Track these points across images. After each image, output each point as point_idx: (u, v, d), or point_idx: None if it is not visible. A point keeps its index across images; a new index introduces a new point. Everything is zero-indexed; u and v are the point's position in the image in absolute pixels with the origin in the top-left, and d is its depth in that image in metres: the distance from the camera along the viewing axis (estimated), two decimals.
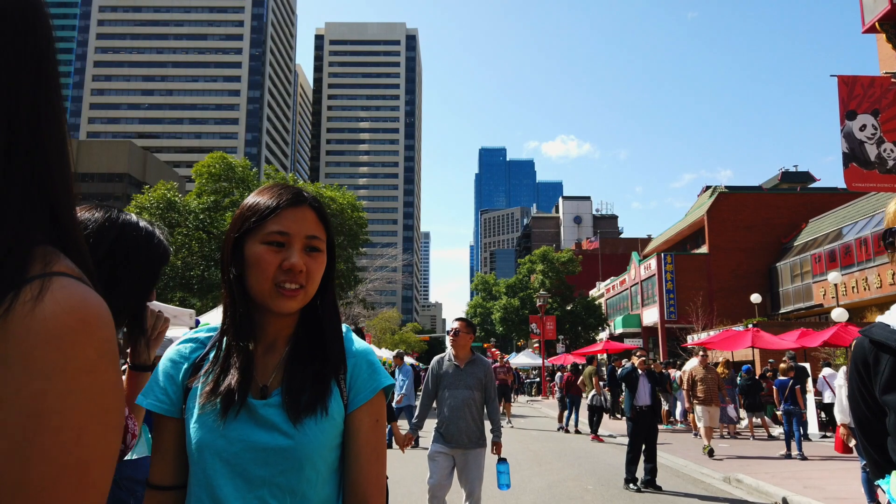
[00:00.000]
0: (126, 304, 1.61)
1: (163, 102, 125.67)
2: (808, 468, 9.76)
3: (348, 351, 1.37)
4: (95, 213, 1.61)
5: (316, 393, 1.28)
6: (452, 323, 5.28)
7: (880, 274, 25.84)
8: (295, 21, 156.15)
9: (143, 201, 23.14)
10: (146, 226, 1.70)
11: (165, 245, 1.73)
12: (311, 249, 1.29)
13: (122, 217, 1.64)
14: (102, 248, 1.55)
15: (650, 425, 8.67)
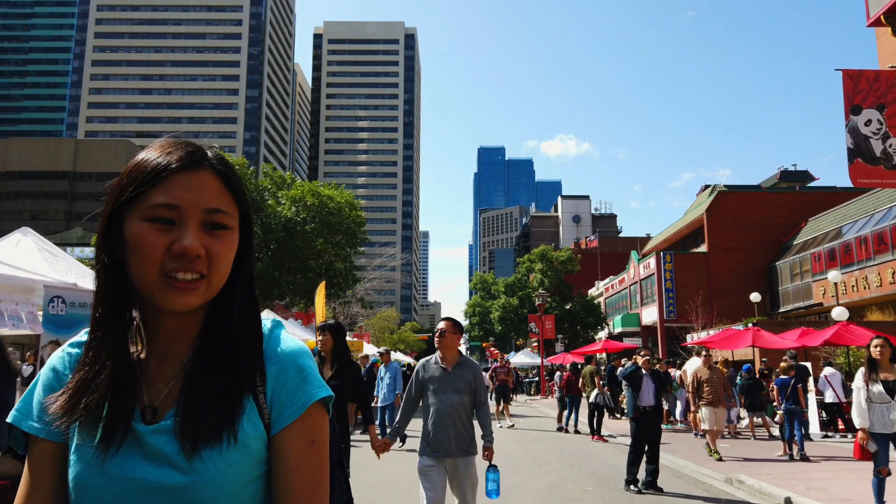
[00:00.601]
0: None
1: (161, 102, 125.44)
2: (810, 469, 9.64)
3: (270, 354, 1.06)
4: None
5: (221, 413, 0.98)
6: (439, 323, 4.99)
7: (880, 273, 25.76)
8: (293, 20, 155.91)
9: None
10: None
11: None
12: (213, 227, 0.99)
13: None
14: None
15: (653, 426, 8.52)
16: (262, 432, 1.02)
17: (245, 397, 1.02)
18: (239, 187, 1.05)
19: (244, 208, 1.06)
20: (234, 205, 1.03)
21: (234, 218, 1.03)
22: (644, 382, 8.58)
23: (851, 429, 14.18)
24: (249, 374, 1.03)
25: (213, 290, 1.01)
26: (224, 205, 1.01)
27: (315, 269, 24.82)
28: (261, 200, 24.91)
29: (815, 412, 14.23)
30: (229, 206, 1.02)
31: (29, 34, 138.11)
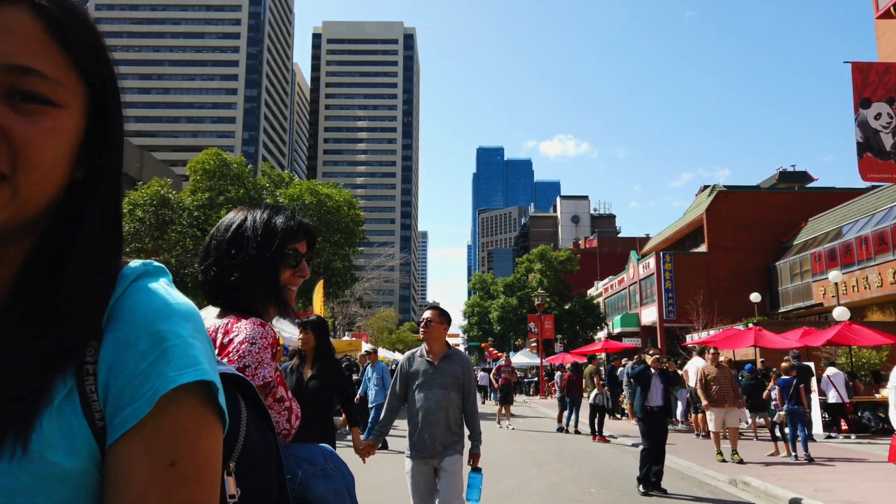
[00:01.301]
0: None
1: (159, 101, 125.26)
2: (815, 470, 9.50)
3: (118, 313, 0.65)
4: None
5: (8, 403, 0.58)
6: (424, 312, 4.56)
7: (881, 273, 25.66)
8: (292, 20, 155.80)
9: (136, 198, 22.80)
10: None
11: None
12: (23, 98, 0.61)
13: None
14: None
15: (661, 426, 8.35)
16: (88, 442, 0.61)
17: (59, 379, 0.61)
18: (84, 38, 0.65)
19: (96, 75, 0.67)
20: (68, 66, 0.64)
21: (65, 88, 0.63)
22: (653, 382, 8.38)
23: (855, 429, 14.08)
24: (71, 341, 0.62)
25: (24, 202, 0.61)
26: (43, 63, 0.61)
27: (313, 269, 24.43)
28: (258, 199, 24.77)
29: (818, 413, 14.08)
30: (56, 66, 0.62)
31: None
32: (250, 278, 1.48)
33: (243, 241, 1.50)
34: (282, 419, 1.50)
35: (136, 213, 22.25)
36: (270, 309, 1.56)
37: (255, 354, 1.39)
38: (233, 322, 1.45)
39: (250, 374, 1.37)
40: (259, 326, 1.42)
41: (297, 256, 1.55)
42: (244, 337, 1.40)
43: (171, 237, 23.59)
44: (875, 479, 8.62)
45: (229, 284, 1.49)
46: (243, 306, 1.50)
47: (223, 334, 1.44)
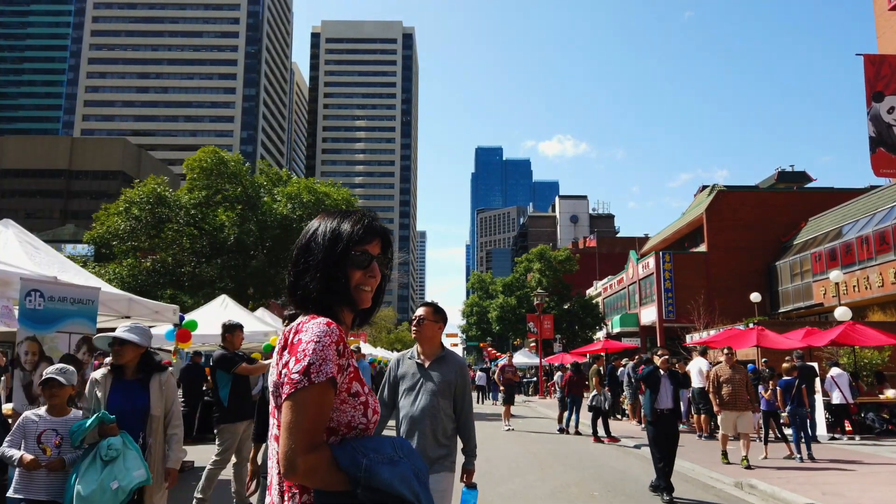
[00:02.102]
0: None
1: (158, 100, 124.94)
2: (822, 472, 9.31)
3: None
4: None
5: None
6: (417, 309, 4.12)
7: (882, 273, 25.53)
8: (291, 19, 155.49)
9: (133, 196, 22.58)
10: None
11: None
12: None
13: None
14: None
15: (671, 430, 8.07)
16: None
17: None
18: None
19: None
20: None
21: None
22: (662, 384, 8.11)
23: (859, 430, 13.91)
24: None
25: None
26: None
27: None
28: (256, 197, 24.56)
29: (821, 414, 13.91)
30: None
31: (25, 32, 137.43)
32: (318, 281, 1.58)
33: (315, 247, 1.61)
34: (357, 413, 1.52)
35: (133, 211, 22.05)
36: (345, 311, 1.64)
37: (318, 352, 1.44)
38: (303, 322, 1.53)
39: (314, 372, 1.42)
40: (325, 325, 1.49)
41: (366, 258, 1.62)
42: (310, 336, 1.47)
43: (167, 235, 23.37)
44: (885, 481, 8.45)
45: (301, 286, 1.60)
46: (317, 308, 1.59)
47: (294, 333, 1.51)
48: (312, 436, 1.39)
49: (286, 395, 1.43)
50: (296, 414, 1.39)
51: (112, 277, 20.54)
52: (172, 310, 9.28)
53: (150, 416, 3.97)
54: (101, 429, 3.74)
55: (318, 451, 1.38)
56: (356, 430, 1.51)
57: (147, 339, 4.11)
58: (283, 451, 1.39)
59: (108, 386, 3.99)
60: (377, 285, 1.66)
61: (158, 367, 4.16)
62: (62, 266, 7.55)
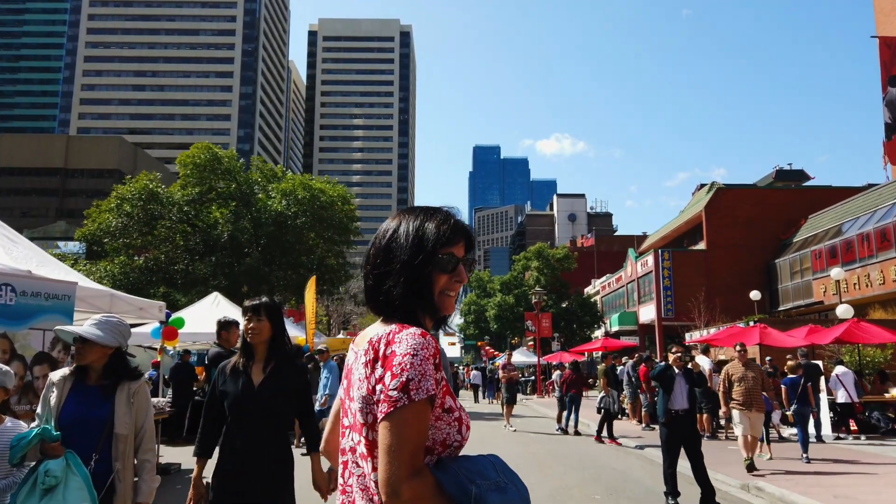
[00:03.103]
0: None
1: (154, 98, 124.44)
2: (831, 474, 9.02)
3: None
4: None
5: None
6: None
7: (883, 270, 25.33)
8: (288, 17, 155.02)
9: (125, 192, 22.22)
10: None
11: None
12: None
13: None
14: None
15: (687, 431, 7.62)
16: None
17: None
18: None
19: None
20: None
21: None
22: (676, 383, 7.70)
23: (864, 430, 13.63)
24: None
25: None
26: None
27: (306, 265, 24.12)
28: (250, 193, 24.22)
29: (826, 413, 13.63)
30: None
31: (21, 30, 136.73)
32: (402, 286, 1.49)
33: (396, 248, 1.52)
34: (452, 430, 1.43)
35: (125, 207, 21.70)
36: (427, 317, 1.56)
37: (417, 367, 1.35)
38: (394, 332, 1.43)
39: (414, 388, 1.33)
40: (420, 337, 1.40)
41: (452, 261, 1.53)
42: (406, 349, 1.38)
43: (160, 232, 23.03)
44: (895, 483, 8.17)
45: (384, 292, 1.51)
46: (401, 314, 1.50)
47: (385, 345, 1.42)
48: (415, 459, 1.30)
49: (384, 413, 1.32)
50: (396, 435, 1.30)
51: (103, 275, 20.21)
52: (158, 306, 8.97)
53: (115, 436, 3.10)
54: (42, 447, 2.99)
55: (421, 476, 1.30)
56: (450, 449, 1.42)
57: (117, 336, 3.23)
58: (384, 477, 1.28)
59: (65, 391, 3.14)
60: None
61: (130, 374, 3.26)
62: (41, 260, 7.23)
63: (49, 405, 3.11)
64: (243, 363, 3.46)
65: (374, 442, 1.37)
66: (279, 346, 3.51)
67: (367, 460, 1.39)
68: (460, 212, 1.65)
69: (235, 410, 3.33)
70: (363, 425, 1.41)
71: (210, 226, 23.03)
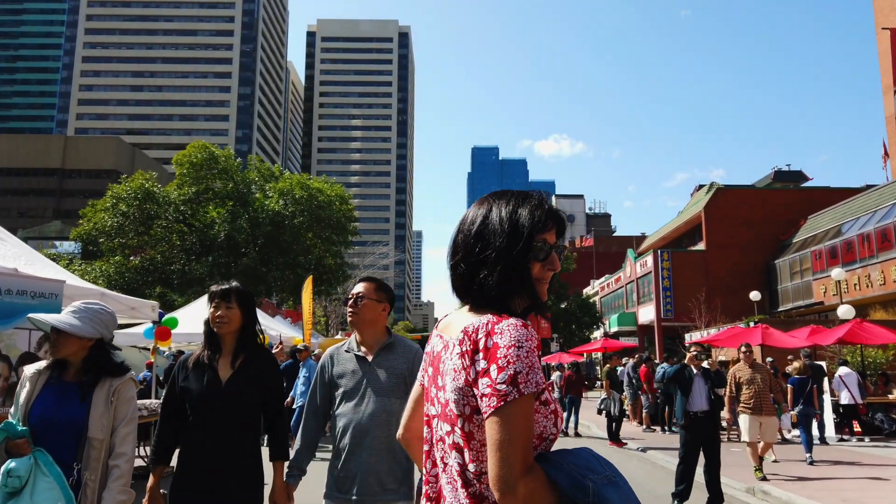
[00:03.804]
0: None
1: (152, 99, 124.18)
2: (837, 476, 8.84)
3: None
4: None
5: None
6: (354, 285, 3.24)
7: (884, 270, 25.23)
8: (286, 17, 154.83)
9: (120, 191, 22.02)
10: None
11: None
12: None
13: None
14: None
15: (707, 434, 7.36)
16: None
17: None
18: None
19: None
20: None
21: None
22: (695, 384, 7.44)
23: (868, 431, 13.48)
24: None
25: None
26: None
27: (304, 265, 23.92)
28: (247, 193, 24.03)
29: (830, 414, 13.47)
30: None
31: (19, 30, 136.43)
32: (500, 274, 1.43)
33: (490, 235, 1.47)
34: (549, 423, 1.39)
35: (120, 207, 21.50)
36: (520, 304, 1.48)
37: (523, 359, 1.31)
38: (493, 322, 1.37)
39: (522, 381, 1.29)
40: (523, 328, 1.35)
41: (546, 248, 1.49)
42: (510, 341, 1.32)
43: (156, 232, 22.82)
44: None
45: (479, 281, 1.46)
46: (496, 304, 1.44)
47: (486, 336, 1.36)
48: (527, 454, 1.26)
49: (493, 408, 1.27)
50: (508, 430, 1.25)
51: (98, 275, 20.01)
52: (151, 306, 8.78)
53: (88, 440, 2.68)
54: (7, 445, 2.65)
55: (534, 472, 1.25)
56: (546, 442, 1.39)
57: (98, 326, 2.80)
58: (497, 474, 1.24)
59: (37, 387, 2.77)
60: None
61: (113, 369, 2.84)
62: (28, 258, 7.04)
63: (19, 402, 2.76)
64: (208, 356, 3.00)
65: (470, 433, 1.34)
66: (250, 337, 3.08)
67: (462, 452, 1.36)
68: (551, 195, 1.53)
69: (199, 410, 2.90)
70: (458, 416, 1.37)
71: (207, 225, 22.84)
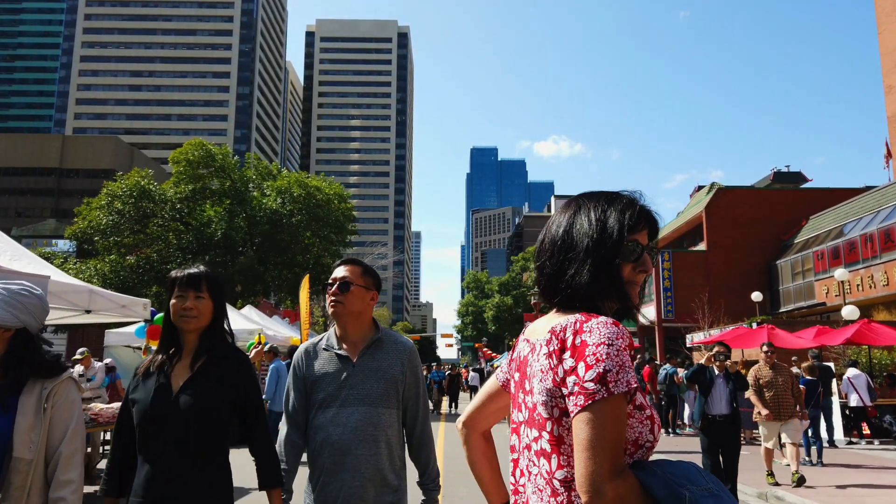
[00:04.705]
0: None
1: (150, 98, 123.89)
2: (848, 480, 8.58)
3: None
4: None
5: None
6: (336, 269, 2.65)
7: (887, 271, 24.99)
8: (285, 17, 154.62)
9: (115, 189, 21.73)
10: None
11: None
12: None
13: None
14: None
15: (728, 439, 7.08)
16: None
17: None
18: None
19: None
20: None
21: None
22: (716, 385, 7.14)
23: (877, 434, 13.23)
24: None
25: None
26: None
27: (302, 264, 23.65)
28: (245, 191, 23.76)
29: (838, 417, 13.21)
30: None
31: (17, 30, 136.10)
32: (588, 274, 1.40)
33: (577, 235, 1.44)
34: (645, 429, 1.31)
35: (116, 205, 21.21)
36: (610, 308, 1.43)
37: (613, 357, 1.25)
38: (581, 321, 1.32)
39: (612, 380, 1.22)
40: (613, 326, 1.30)
41: (637, 249, 1.44)
42: (599, 338, 1.27)
43: (152, 231, 22.54)
44: None
45: (567, 281, 1.43)
46: (584, 304, 1.40)
47: (573, 334, 1.31)
48: (616, 456, 1.19)
49: (581, 406, 1.22)
50: (596, 430, 1.19)
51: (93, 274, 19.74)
52: (143, 304, 8.51)
53: (11, 461, 2.05)
54: None
55: (624, 476, 1.19)
56: (643, 450, 1.31)
57: (19, 312, 2.16)
58: (584, 473, 1.18)
59: None
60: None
61: (45, 368, 2.20)
62: (14, 254, 6.78)
63: None
64: (162, 360, 2.33)
65: (559, 438, 1.28)
66: (218, 335, 2.39)
67: (549, 458, 1.30)
68: (643, 196, 1.57)
69: (148, 426, 2.20)
70: (546, 419, 1.31)
71: (203, 224, 22.56)
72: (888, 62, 31.34)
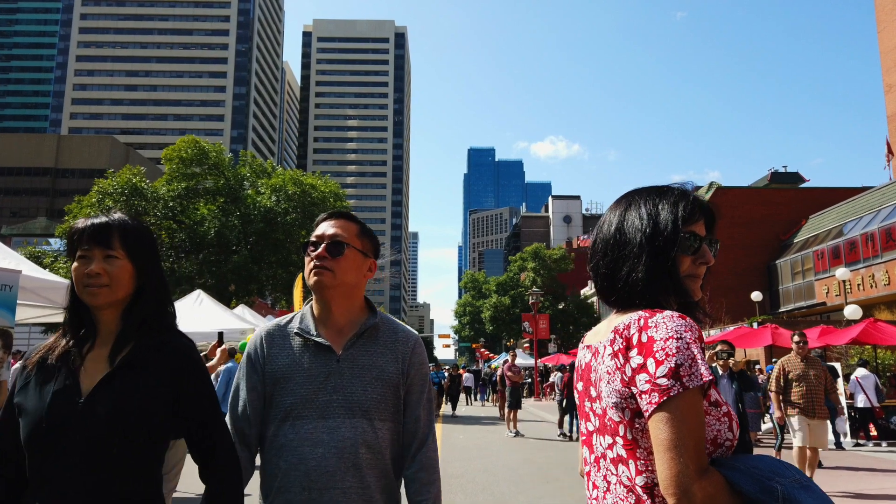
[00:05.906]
0: None
1: (146, 98, 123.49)
2: (859, 484, 8.28)
3: None
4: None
5: None
6: (320, 223, 1.99)
7: (888, 270, 24.82)
8: (282, 17, 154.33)
9: (106, 186, 21.39)
10: None
11: None
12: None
13: None
14: None
15: (739, 442, 6.86)
16: None
17: None
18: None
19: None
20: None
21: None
22: (720, 386, 6.73)
23: (884, 435, 12.94)
24: None
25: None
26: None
27: (297, 263, 23.34)
28: (239, 189, 23.43)
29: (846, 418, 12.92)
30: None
31: (13, 29, 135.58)
32: (644, 268, 1.34)
33: (631, 231, 1.39)
34: (723, 427, 1.24)
35: (107, 202, 20.89)
36: (671, 304, 1.35)
37: (684, 351, 1.19)
38: (645, 317, 1.26)
39: (685, 374, 1.16)
40: (680, 319, 1.24)
41: (694, 240, 1.37)
42: (667, 333, 1.21)
43: None
44: None
45: (623, 278, 1.38)
46: (644, 301, 1.34)
47: (638, 330, 1.24)
48: (700, 454, 1.13)
49: (655, 404, 1.16)
50: (675, 428, 1.13)
51: None
52: None
53: None
54: None
55: (710, 474, 1.13)
56: (722, 449, 1.24)
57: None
58: (669, 475, 1.12)
59: None
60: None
61: None
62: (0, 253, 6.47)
63: None
64: (63, 350, 1.59)
65: (634, 441, 1.22)
66: (149, 313, 1.63)
67: (627, 464, 1.23)
68: (695, 186, 1.52)
69: (36, 447, 1.49)
70: (618, 423, 1.25)
71: (196, 222, 22.24)
72: (888, 61, 31.13)
